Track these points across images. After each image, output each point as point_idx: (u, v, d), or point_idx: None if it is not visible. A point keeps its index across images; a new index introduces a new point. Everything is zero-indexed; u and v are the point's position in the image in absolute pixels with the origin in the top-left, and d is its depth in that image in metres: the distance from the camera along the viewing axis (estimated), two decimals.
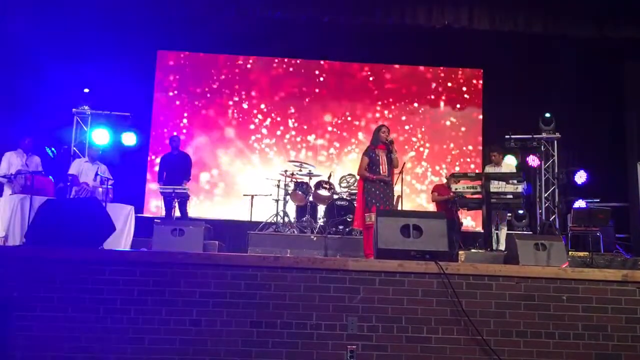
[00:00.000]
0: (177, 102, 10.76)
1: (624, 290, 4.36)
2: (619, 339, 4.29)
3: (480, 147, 10.84)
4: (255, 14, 9.37)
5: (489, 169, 8.57)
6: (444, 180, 9.00)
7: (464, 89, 11.06)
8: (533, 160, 9.80)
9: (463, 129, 10.95)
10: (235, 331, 4.19)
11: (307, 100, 10.93)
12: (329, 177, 9.01)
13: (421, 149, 10.89)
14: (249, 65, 10.94)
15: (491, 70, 10.90)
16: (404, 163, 8.17)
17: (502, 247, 7.61)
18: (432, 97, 11.04)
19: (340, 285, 4.28)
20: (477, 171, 9.79)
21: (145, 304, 4.20)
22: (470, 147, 10.92)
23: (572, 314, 4.31)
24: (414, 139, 10.91)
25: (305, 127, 10.87)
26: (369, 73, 11.06)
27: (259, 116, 10.83)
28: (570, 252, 7.12)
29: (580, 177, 9.93)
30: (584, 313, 4.31)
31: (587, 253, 7.25)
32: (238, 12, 9.36)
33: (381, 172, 6.59)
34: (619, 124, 10.11)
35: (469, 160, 10.87)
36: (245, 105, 10.84)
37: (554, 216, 10.00)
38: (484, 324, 4.26)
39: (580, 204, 9.28)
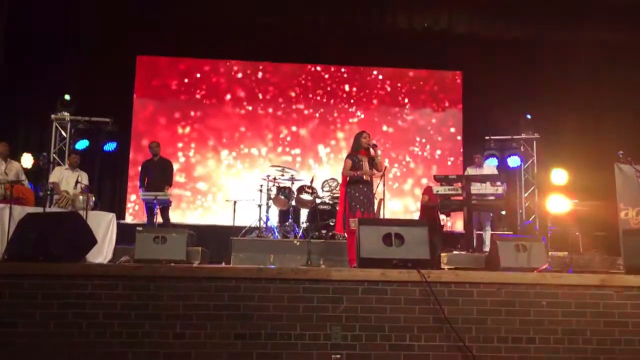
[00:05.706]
0: (158, 108, 10.67)
1: (602, 294, 4.43)
2: (598, 342, 4.36)
3: (461, 149, 10.91)
4: (237, 18, 9.37)
5: (471, 171, 8.65)
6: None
7: (444, 90, 11.10)
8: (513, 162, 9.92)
9: (443, 130, 11.00)
10: (220, 343, 4.19)
11: (289, 104, 10.91)
12: (311, 182, 9.02)
13: (398, 151, 10.92)
14: (230, 71, 10.88)
15: (471, 72, 10.94)
16: (385, 167, 8.19)
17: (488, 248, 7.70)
18: (413, 98, 11.05)
19: (324, 295, 4.30)
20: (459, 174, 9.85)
21: (128, 318, 4.18)
22: (450, 149, 10.98)
23: (552, 318, 4.37)
24: (395, 141, 10.94)
25: (286, 131, 10.84)
26: (346, 76, 11.05)
27: (242, 121, 10.79)
28: (550, 252, 7.21)
29: (559, 176, 10.05)
30: (564, 318, 4.38)
31: (567, 253, 7.35)
32: (220, 16, 9.37)
33: (363, 177, 6.63)
34: (598, 125, 10.23)
35: (450, 161, 10.91)
36: (227, 110, 10.79)
37: (533, 216, 10.13)
38: (466, 331, 4.31)
39: (558, 203, 9.37)
